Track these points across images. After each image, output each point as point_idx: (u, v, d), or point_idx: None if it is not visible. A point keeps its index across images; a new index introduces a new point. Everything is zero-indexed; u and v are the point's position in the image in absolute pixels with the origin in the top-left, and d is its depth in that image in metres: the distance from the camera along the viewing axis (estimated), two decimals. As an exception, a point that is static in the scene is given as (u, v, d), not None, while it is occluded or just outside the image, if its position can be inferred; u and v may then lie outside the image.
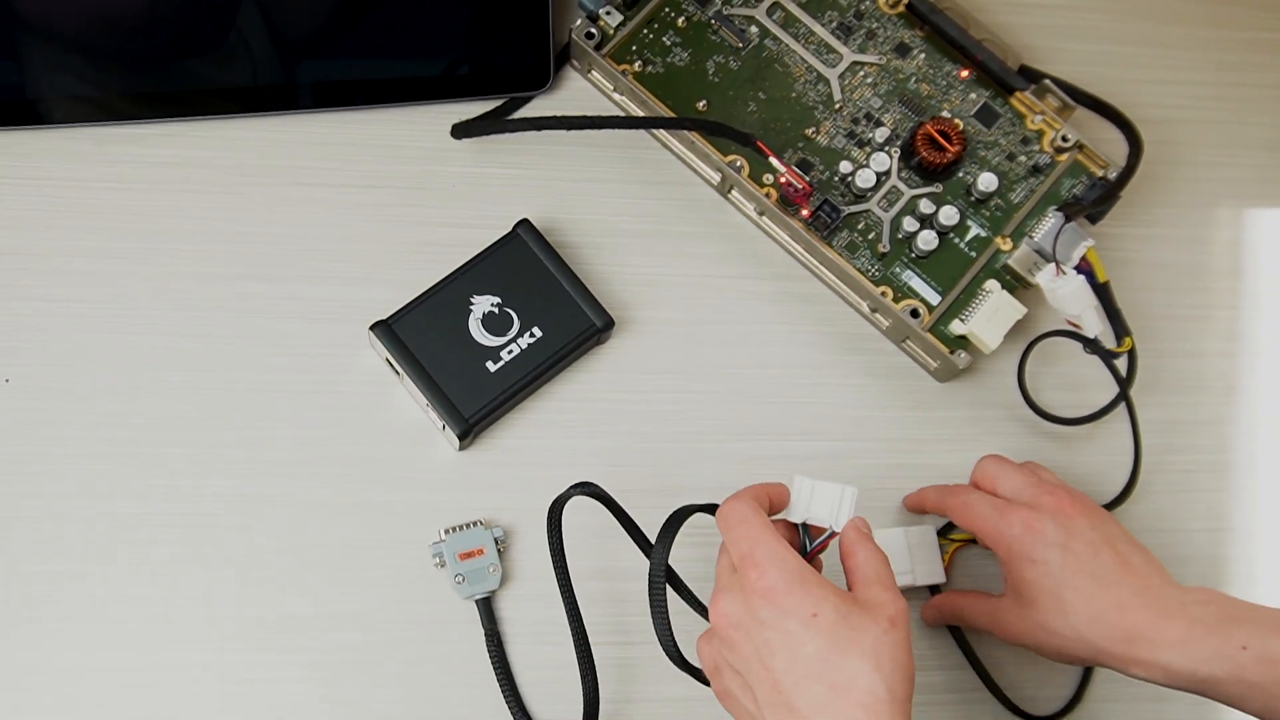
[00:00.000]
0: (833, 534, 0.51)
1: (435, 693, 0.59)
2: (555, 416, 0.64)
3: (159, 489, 0.60)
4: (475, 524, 0.60)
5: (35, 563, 0.58)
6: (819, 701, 0.44)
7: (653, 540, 0.52)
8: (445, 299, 0.62)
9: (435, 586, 0.60)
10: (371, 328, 0.61)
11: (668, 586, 0.52)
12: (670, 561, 0.51)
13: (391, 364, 0.61)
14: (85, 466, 0.59)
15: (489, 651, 0.59)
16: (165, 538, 0.59)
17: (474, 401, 0.60)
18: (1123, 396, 0.66)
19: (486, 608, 0.59)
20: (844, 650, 0.45)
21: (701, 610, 0.54)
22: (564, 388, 0.64)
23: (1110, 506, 0.65)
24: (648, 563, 0.52)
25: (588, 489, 0.56)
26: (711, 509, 0.52)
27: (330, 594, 0.59)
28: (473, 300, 0.62)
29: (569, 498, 0.56)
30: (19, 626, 0.57)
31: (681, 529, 0.52)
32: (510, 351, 0.61)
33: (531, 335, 0.62)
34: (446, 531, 0.59)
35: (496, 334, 0.62)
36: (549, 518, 0.57)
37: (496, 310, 0.62)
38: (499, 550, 0.60)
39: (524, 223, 0.64)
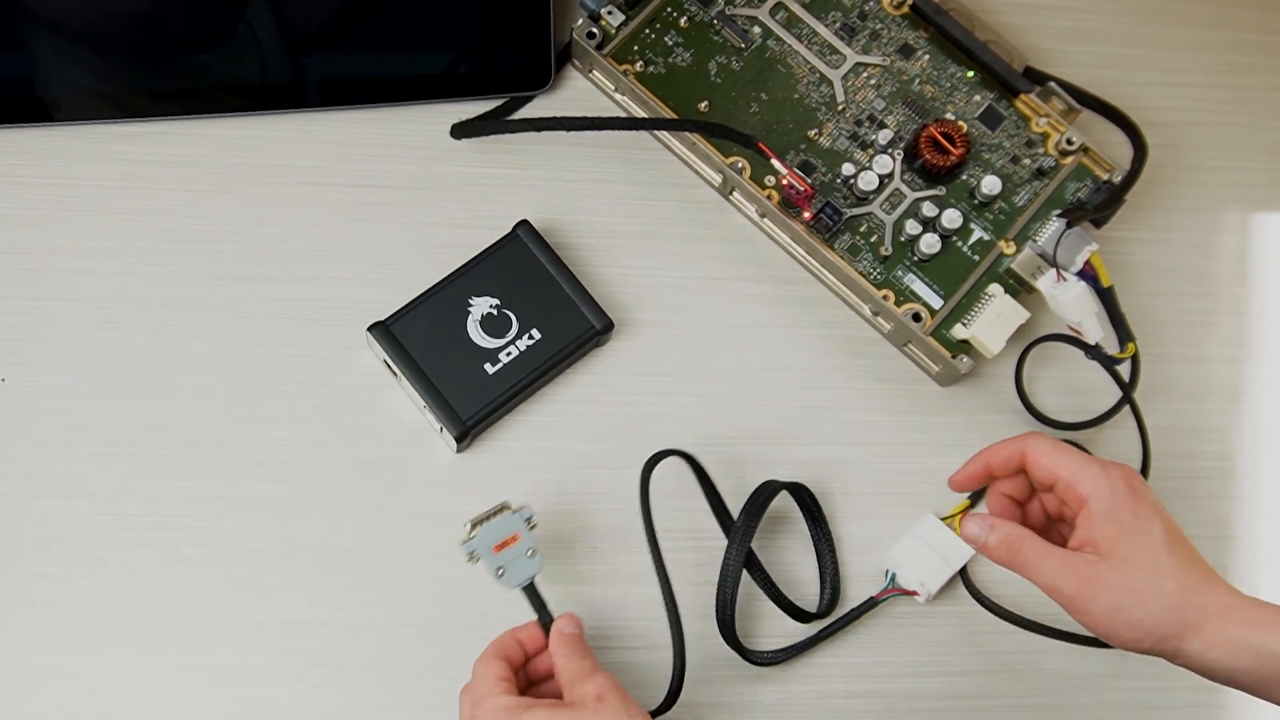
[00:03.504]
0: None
1: (435, 697, 0.58)
2: (554, 419, 0.63)
3: (155, 490, 0.59)
4: (501, 510, 0.55)
5: (29, 564, 0.58)
6: None
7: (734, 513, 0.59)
8: (444, 300, 0.61)
9: (433, 588, 0.60)
10: (369, 329, 0.61)
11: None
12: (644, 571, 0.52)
13: (389, 365, 0.61)
14: (80, 467, 0.59)
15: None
16: (159, 539, 0.59)
17: (472, 404, 0.60)
18: (1126, 400, 0.65)
19: (534, 593, 0.54)
20: None
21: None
22: (563, 390, 0.64)
23: None
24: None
25: (681, 454, 0.59)
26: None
27: (326, 598, 0.59)
28: (471, 301, 0.61)
29: (661, 459, 0.58)
30: (14, 628, 0.57)
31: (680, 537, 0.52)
32: (509, 353, 0.61)
33: (530, 337, 0.61)
34: (474, 525, 0.54)
35: (495, 335, 0.61)
36: (642, 478, 0.58)
37: (495, 312, 0.62)
38: (530, 530, 0.55)
39: (523, 224, 0.63)
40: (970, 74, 0.68)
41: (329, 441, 0.61)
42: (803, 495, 0.62)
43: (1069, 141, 0.67)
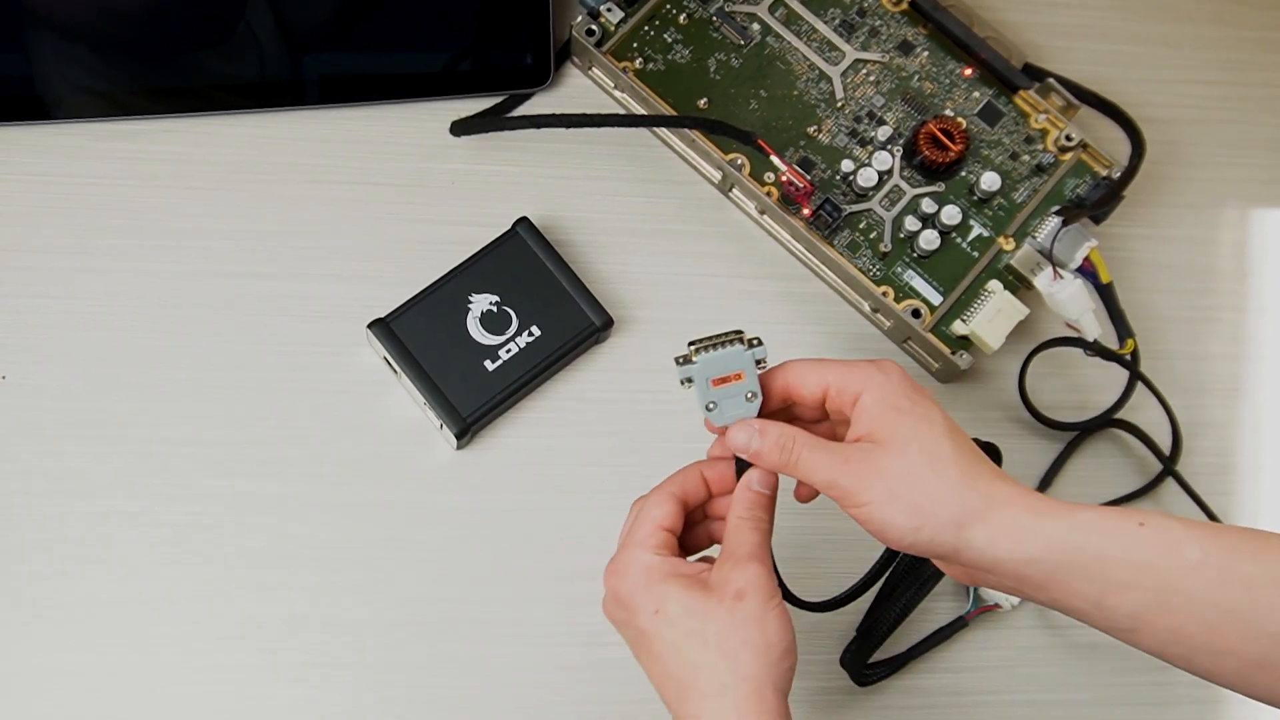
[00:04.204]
0: None
1: (435, 696, 0.58)
2: (554, 415, 0.63)
3: (154, 487, 0.59)
4: (733, 340, 0.48)
5: (30, 563, 0.58)
6: (675, 695, 0.45)
7: None
8: (443, 297, 0.61)
9: (433, 586, 0.60)
10: (369, 326, 0.60)
11: None
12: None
13: (389, 362, 0.61)
14: (80, 465, 0.59)
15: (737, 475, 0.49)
16: (160, 537, 0.59)
17: (472, 401, 0.60)
18: (1137, 378, 0.66)
19: None
20: (688, 643, 0.45)
21: None
22: (563, 387, 0.64)
23: (1133, 499, 0.67)
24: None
25: None
26: None
27: (325, 596, 0.59)
28: (471, 299, 0.61)
29: None
30: (14, 628, 0.57)
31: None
32: (509, 350, 0.61)
33: (530, 334, 0.61)
34: (696, 350, 0.49)
35: (495, 333, 0.61)
36: None
37: (495, 309, 0.61)
38: (758, 369, 0.49)
39: (523, 221, 0.63)
40: (969, 70, 0.68)
41: (328, 439, 0.61)
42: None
43: (1068, 138, 0.67)
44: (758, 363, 0.48)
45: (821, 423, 0.50)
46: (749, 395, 0.48)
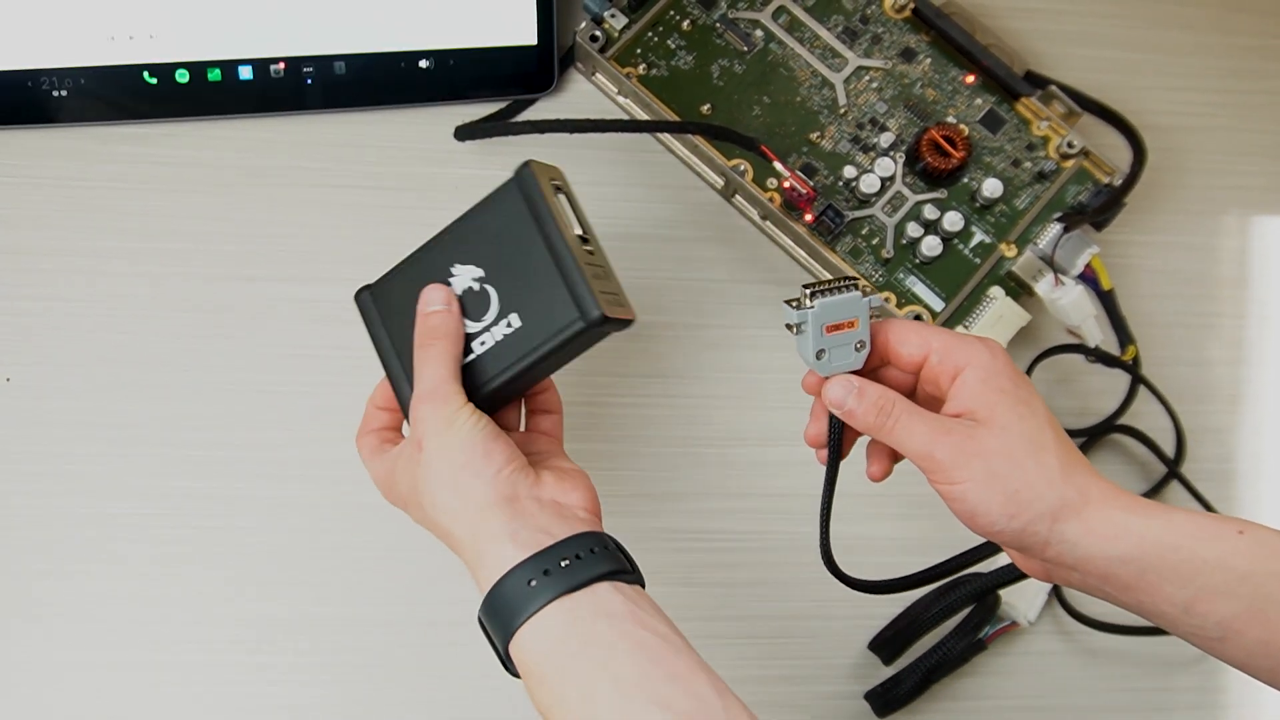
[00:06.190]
0: None
1: (440, 695, 0.59)
2: (556, 420, 0.63)
3: (159, 489, 0.60)
4: (849, 286, 0.46)
5: (33, 563, 0.58)
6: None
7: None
8: (427, 264, 0.51)
9: (436, 588, 0.60)
10: (356, 294, 0.53)
11: None
12: (648, 569, 0.50)
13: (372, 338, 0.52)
14: (85, 467, 0.59)
15: (830, 433, 0.48)
16: (167, 537, 0.59)
17: None
18: (1139, 382, 0.66)
19: None
20: (419, 506, 0.47)
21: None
22: (561, 391, 0.64)
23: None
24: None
25: None
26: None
27: (328, 597, 0.59)
28: (454, 270, 0.50)
29: None
30: (16, 628, 0.57)
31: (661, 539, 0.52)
32: (482, 343, 0.49)
33: (508, 325, 0.49)
34: (812, 294, 0.46)
35: (472, 317, 0.49)
36: None
37: (477, 286, 0.50)
38: (871, 320, 0.47)
39: (526, 167, 0.50)
40: (971, 77, 0.68)
41: (333, 441, 0.61)
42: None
43: (1069, 145, 0.67)
44: (873, 312, 0.47)
45: (909, 389, 0.48)
46: (858, 344, 0.46)
